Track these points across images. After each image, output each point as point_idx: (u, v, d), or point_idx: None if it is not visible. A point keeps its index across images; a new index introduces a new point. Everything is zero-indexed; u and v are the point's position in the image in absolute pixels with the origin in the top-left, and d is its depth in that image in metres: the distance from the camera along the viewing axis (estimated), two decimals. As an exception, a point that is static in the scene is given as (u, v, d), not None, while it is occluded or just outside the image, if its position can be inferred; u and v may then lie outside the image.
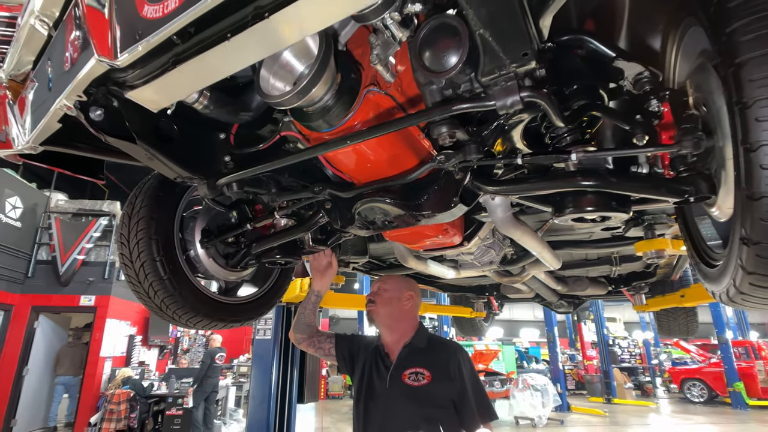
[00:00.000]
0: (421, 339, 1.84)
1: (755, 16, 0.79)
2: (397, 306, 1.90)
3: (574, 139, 1.31)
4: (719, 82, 0.99)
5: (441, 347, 1.82)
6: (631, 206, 1.24)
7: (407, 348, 1.81)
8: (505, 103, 0.98)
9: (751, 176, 0.79)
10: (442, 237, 1.78)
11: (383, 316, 1.90)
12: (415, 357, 1.77)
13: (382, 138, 1.35)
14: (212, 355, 7.89)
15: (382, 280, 2.00)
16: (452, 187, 1.46)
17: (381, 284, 1.98)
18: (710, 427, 10.29)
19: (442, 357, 1.75)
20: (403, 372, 1.73)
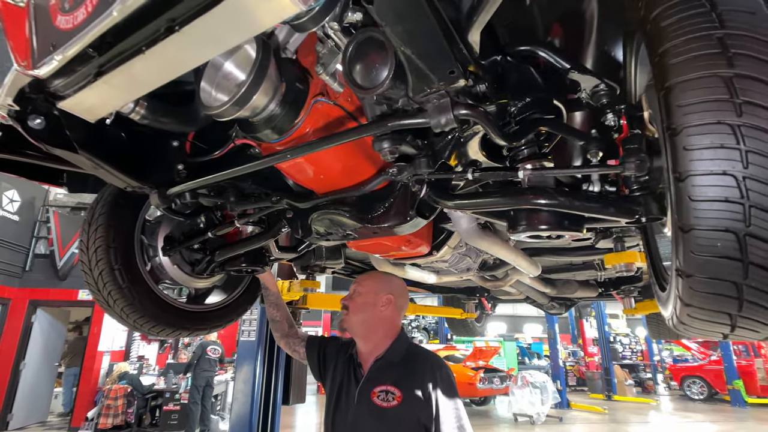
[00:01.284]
0: (396, 351, 1.64)
1: (686, 37, 0.74)
2: (372, 313, 1.70)
3: (531, 153, 1.27)
4: (662, 102, 0.95)
5: (417, 362, 1.60)
6: (584, 224, 1.20)
7: (379, 362, 1.63)
8: (439, 122, 0.94)
9: (680, 207, 0.75)
10: (407, 248, 1.74)
11: (356, 324, 1.70)
12: (387, 372, 1.59)
13: (334, 149, 1.32)
14: (204, 347, 7.90)
15: (357, 281, 1.79)
16: (408, 199, 1.43)
17: (356, 287, 1.78)
18: (709, 426, 10.24)
19: (416, 374, 1.55)
20: (372, 389, 1.56)
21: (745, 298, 0.77)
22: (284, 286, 3.23)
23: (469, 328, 5.30)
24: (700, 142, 0.71)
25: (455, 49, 0.84)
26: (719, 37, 0.71)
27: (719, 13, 0.72)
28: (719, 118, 0.70)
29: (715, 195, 0.71)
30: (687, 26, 0.75)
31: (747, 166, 0.68)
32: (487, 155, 1.40)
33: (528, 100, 1.20)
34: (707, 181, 0.71)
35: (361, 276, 1.84)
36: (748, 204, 0.69)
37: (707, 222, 0.72)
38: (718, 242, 0.73)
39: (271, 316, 2.00)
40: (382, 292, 1.72)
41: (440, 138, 1.36)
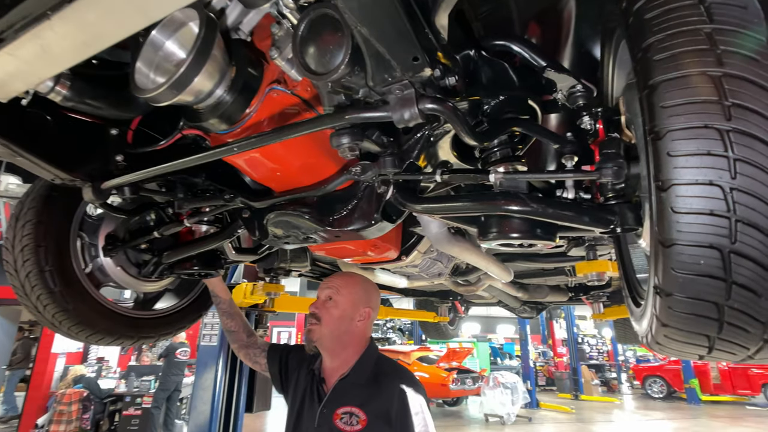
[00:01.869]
0: (363, 368, 1.45)
1: (671, 31, 0.67)
2: (347, 327, 1.49)
3: (504, 155, 1.19)
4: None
5: (385, 382, 1.42)
6: (558, 233, 1.13)
7: (344, 380, 1.44)
8: (402, 116, 0.84)
9: (662, 219, 0.68)
10: (373, 253, 1.64)
11: (327, 338, 1.48)
12: (352, 392, 1.42)
13: (291, 144, 1.20)
14: (173, 349, 7.59)
15: (333, 287, 1.53)
16: (374, 201, 1.33)
17: (331, 293, 1.52)
18: (668, 423, 10.65)
19: (384, 396, 1.38)
20: (335, 410, 1.39)
21: (725, 320, 0.71)
22: (246, 288, 3.07)
23: (442, 331, 5.26)
24: (685, 148, 0.64)
25: (419, 32, 0.74)
26: (708, 33, 0.64)
27: (707, 6, 0.65)
28: (707, 121, 0.62)
29: (700, 207, 0.64)
30: (673, 19, 0.67)
31: (735, 177, 0.61)
32: (458, 156, 1.32)
33: (502, 99, 1.12)
34: (692, 191, 0.64)
35: (337, 280, 1.57)
36: (735, 218, 0.62)
37: (691, 237, 0.65)
38: (702, 260, 0.66)
39: (226, 326, 1.81)
40: (362, 304, 1.52)
41: (409, 135, 1.26)
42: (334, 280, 1.57)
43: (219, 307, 1.82)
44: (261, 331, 4.51)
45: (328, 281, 1.57)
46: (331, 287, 1.55)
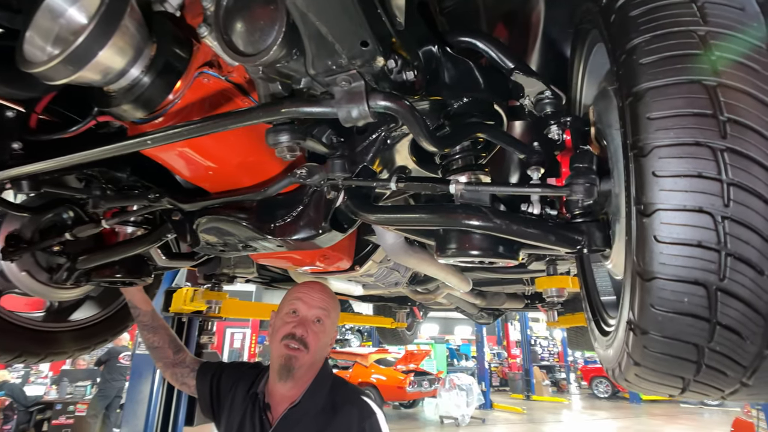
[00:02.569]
0: (316, 395, 1.27)
1: (661, 31, 0.58)
2: (323, 354, 1.33)
3: (466, 163, 1.09)
4: (617, 115, 0.80)
5: (341, 412, 1.26)
6: (520, 250, 1.04)
7: (295, 409, 1.25)
8: (349, 113, 0.71)
9: (643, 248, 0.58)
10: (322, 263, 1.50)
11: (308, 367, 1.28)
12: (304, 423, 1.24)
13: (225, 139, 1.04)
14: (115, 353, 7.04)
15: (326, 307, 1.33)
16: (322, 208, 1.18)
17: (323, 314, 1.32)
18: (612, 422, 11.20)
19: (341, 427, 1.24)
20: None
21: (705, 363, 0.63)
22: (187, 294, 2.81)
23: (400, 337, 5.17)
24: (673, 168, 0.55)
25: (370, 11, 0.61)
26: (701, 36, 0.55)
27: (701, 6, 0.57)
28: (699, 138, 0.53)
29: (687, 237, 0.55)
30: (662, 18, 0.58)
31: (728, 204, 0.53)
32: (417, 162, 1.20)
33: (466, 101, 1.01)
34: (679, 218, 0.55)
35: (326, 298, 1.35)
36: (725, 252, 0.54)
37: (675, 271, 0.56)
38: (686, 297, 0.57)
39: (148, 342, 1.57)
40: (336, 326, 1.39)
41: (363, 136, 1.13)
42: (324, 298, 1.35)
43: (139, 320, 1.59)
44: (206, 338, 4.24)
45: (318, 298, 1.34)
46: (322, 307, 1.33)
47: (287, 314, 1.33)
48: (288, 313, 1.33)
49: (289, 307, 1.33)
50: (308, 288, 1.37)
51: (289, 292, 1.39)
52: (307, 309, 1.32)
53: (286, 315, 1.33)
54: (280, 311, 1.37)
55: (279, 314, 1.36)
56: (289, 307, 1.33)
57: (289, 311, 1.33)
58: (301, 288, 1.38)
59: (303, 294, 1.34)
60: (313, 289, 1.36)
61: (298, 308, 1.32)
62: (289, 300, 1.36)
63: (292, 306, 1.33)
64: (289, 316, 1.32)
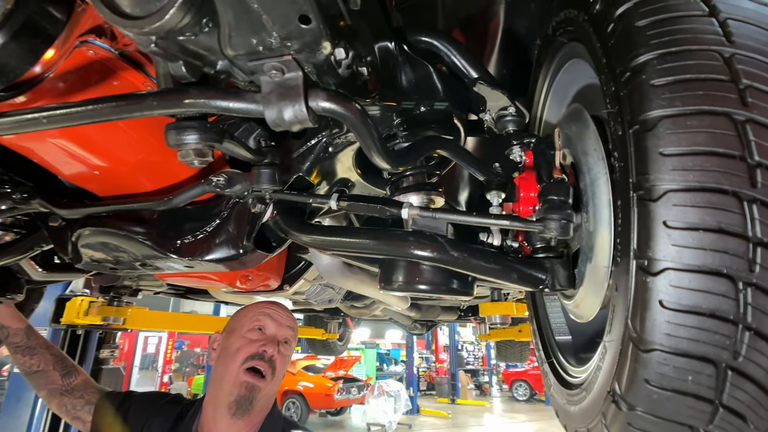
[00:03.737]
0: None
1: (677, 48, 0.47)
2: (279, 383, 1.15)
3: (419, 181, 0.95)
4: (598, 141, 0.70)
5: None
6: (476, 284, 0.92)
7: None
8: (280, 114, 0.53)
9: (643, 313, 0.47)
10: (244, 284, 1.27)
11: (266, 398, 1.08)
12: None
13: (115, 131, 0.80)
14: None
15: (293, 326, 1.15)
16: (244, 224, 0.97)
17: (291, 336, 1.14)
18: (530, 425, 11.85)
19: None
20: None
21: (695, 445, 0.53)
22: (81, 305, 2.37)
23: (331, 348, 4.95)
24: (689, 219, 0.44)
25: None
26: (726, 58, 0.45)
27: (723, 22, 0.47)
28: (723, 183, 0.43)
29: (700, 305, 0.44)
30: (678, 32, 0.47)
31: (754, 267, 0.43)
32: (363, 175, 1.04)
33: (423, 110, 0.87)
34: (692, 281, 0.44)
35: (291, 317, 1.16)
36: (744, 325, 0.44)
37: (681, 344, 0.46)
38: (690, 375, 0.47)
39: (23, 367, 1.25)
40: None
41: (300, 141, 0.95)
42: (292, 318, 1.16)
43: (8, 342, 1.24)
44: (107, 352, 3.69)
45: (286, 317, 1.14)
46: (291, 327, 1.14)
47: (251, 331, 1.10)
48: (252, 329, 1.10)
49: (254, 324, 1.11)
50: (274, 305, 1.17)
51: (249, 309, 1.16)
52: (276, 327, 1.11)
53: (250, 332, 1.10)
54: (239, 328, 1.12)
55: (237, 332, 1.11)
56: (253, 324, 1.11)
57: (253, 328, 1.11)
58: (266, 304, 1.17)
59: (270, 310, 1.14)
60: (280, 306, 1.17)
61: (266, 325, 1.12)
62: (252, 316, 1.13)
63: (257, 322, 1.11)
64: (254, 333, 1.10)
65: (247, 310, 1.16)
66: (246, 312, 1.15)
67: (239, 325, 1.13)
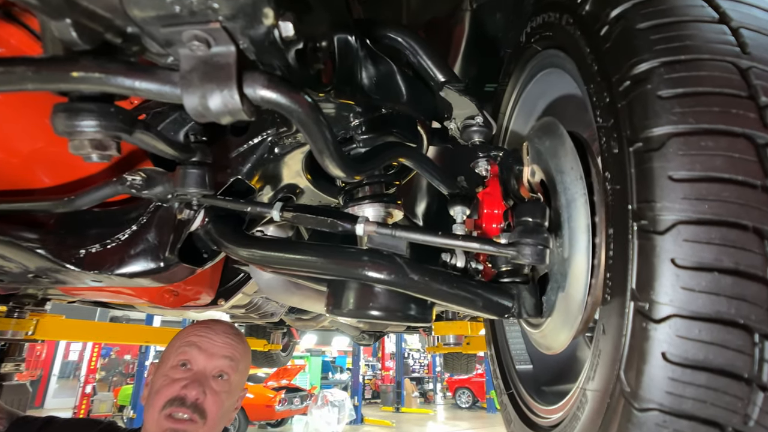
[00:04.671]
0: None
1: (687, 56, 0.40)
2: (227, 420, 0.97)
3: (376, 192, 0.84)
4: (576, 159, 0.64)
5: None
6: (434, 309, 0.83)
7: None
8: (204, 102, 0.40)
9: (640, 366, 0.39)
10: (169, 300, 1.09)
11: None
12: None
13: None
14: None
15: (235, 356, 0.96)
16: (167, 232, 0.82)
17: (230, 367, 0.95)
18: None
19: None
20: None
21: None
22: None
23: (273, 359, 4.68)
24: (701, 258, 0.37)
25: None
26: (743, 70, 0.39)
27: (735, 30, 0.41)
28: (743, 218, 0.36)
29: (709, 360, 0.37)
30: (687, 38, 0.41)
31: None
32: (313, 181, 0.92)
33: (384, 113, 0.77)
34: (702, 332, 0.37)
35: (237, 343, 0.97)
36: (757, 385, 0.37)
37: (684, 405, 0.38)
38: (691, 441, 0.40)
39: None
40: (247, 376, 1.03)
41: (241, 139, 0.81)
42: (231, 342, 0.95)
43: None
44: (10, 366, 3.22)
45: (221, 343, 0.94)
46: (228, 356, 0.94)
47: (174, 368, 0.90)
48: (175, 366, 0.91)
49: (177, 358, 0.91)
50: (206, 329, 0.96)
51: (179, 336, 0.95)
52: (205, 360, 0.91)
53: (172, 369, 0.90)
54: (164, 362, 0.92)
55: (162, 368, 0.91)
56: (176, 358, 0.91)
57: (176, 364, 0.91)
58: (196, 329, 0.96)
59: (199, 337, 0.94)
60: (214, 330, 0.96)
61: (191, 359, 0.91)
62: (177, 347, 0.93)
63: (181, 356, 0.91)
64: (176, 371, 0.90)
65: (177, 337, 0.97)
66: (175, 340, 0.96)
67: (165, 357, 0.94)
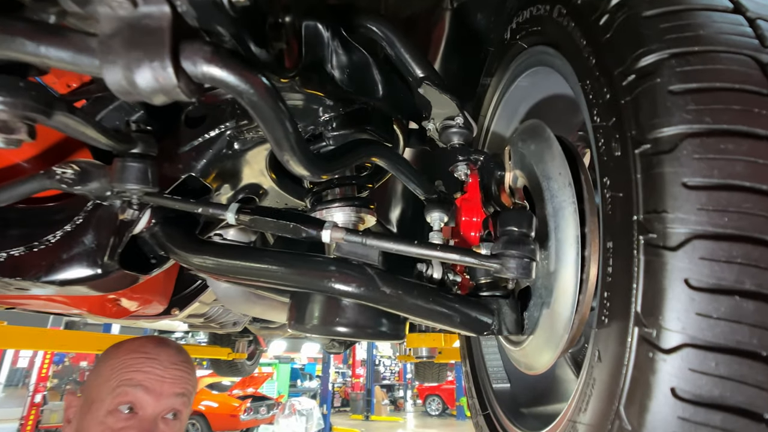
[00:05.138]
0: None
1: (701, 48, 0.35)
2: None
3: (346, 195, 0.77)
4: (564, 164, 0.59)
5: None
6: (407, 325, 0.76)
7: None
8: (129, 75, 0.32)
9: (646, 403, 0.34)
10: (111, 309, 0.98)
11: None
12: None
13: None
14: None
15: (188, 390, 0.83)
16: (106, 235, 0.71)
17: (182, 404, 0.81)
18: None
19: None
20: None
21: None
22: None
23: (238, 368, 4.48)
24: (722, 279, 0.31)
25: None
26: (764, 65, 0.34)
27: (753, 23, 0.36)
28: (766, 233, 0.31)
29: (725, 398, 0.32)
30: (699, 28, 0.36)
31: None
32: (278, 181, 0.84)
33: (358, 108, 0.70)
34: (720, 366, 0.32)
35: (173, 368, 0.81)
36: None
37: None
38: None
39: None
40: None
41: (196, 131, 0.72)
42: (183, 374, 0.81)
43: None
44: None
45: (171, 377, 0.79)
46: (180, 392, 0.79)
47: (112, 414, 0.73)
48: (113, 411, 0.74)
49: (116, 401, 0.74)
50: (150, 360, 0.79)
51: (113, 367, 0.78)
52: (154, 401, 0.75)
53: (110, 416, 0.73)
54: (95, 406, 0.74)
55: (94, 411, 0.73)
56: (115, 401, 0.74)
57: (114, 408, 0.74)
58: (138, 360, 0.78)
59: (144, 375, 0.77)
60: (160, 361, 0.80)
61: (137, 402, 0.75)
62: (113, 385, 0.75)
63: (122, 398, 0.74)
64: (116, 417, 0.73)
65: (109, 368, 0.77)
66: (107, 371, 0.77)
67: (96, 396, 0.76)
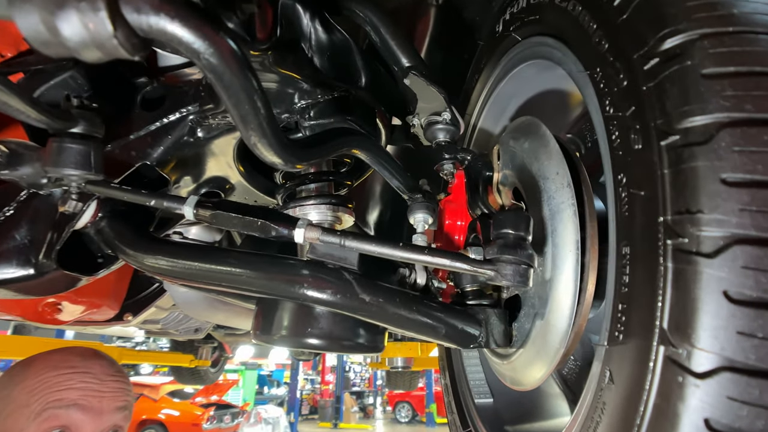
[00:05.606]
0: None
1: (735, 28, 0.31)
2: None
3: (322, 192, 0.71)
4: (562, 163, 0.55)
5: None
6: (386, 336, 0.70)
7: None
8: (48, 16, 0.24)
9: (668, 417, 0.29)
10: (51, 315, 0.87)
11: None
12: None
13: None
14: None
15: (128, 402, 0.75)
16: (43, 229, 0.62)
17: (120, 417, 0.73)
18: (410, 448, 11.98)
19: None
20: None
21: None
22: None
23: (201, 376, 4.26)
24: (763, 291, 0.27)
25: None
26: (805, 49, 0.30)
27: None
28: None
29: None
30: (734, 6, 0.32)
31: None
32: (246, 175, 0.77)
33: (338, 96, 0.63)
34: (765, 392, 0.27)
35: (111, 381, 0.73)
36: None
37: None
38: None
39: None
40: None
41: (153, 114, 0.64)
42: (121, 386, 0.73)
43: None
44: None
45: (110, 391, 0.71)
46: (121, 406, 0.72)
47: None
48: None
49: (45, 426, 0.64)
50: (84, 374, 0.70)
51: (35, 387, 0.67)
52: (93, 421, 0.67)
53: None
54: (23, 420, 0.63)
55: None
56: (43, 426, 0.64)
57: None
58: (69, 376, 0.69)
59: (79, 393, 0.68)
60: (95, 374, 0.71)
61: (73, 424, 0.65)
62: (39, 409, 0.65)
63: (52, 422, 0.64)
64: None
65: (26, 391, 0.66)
66: (25, 395, 0.66)
67: (13, 427, 0.64)
